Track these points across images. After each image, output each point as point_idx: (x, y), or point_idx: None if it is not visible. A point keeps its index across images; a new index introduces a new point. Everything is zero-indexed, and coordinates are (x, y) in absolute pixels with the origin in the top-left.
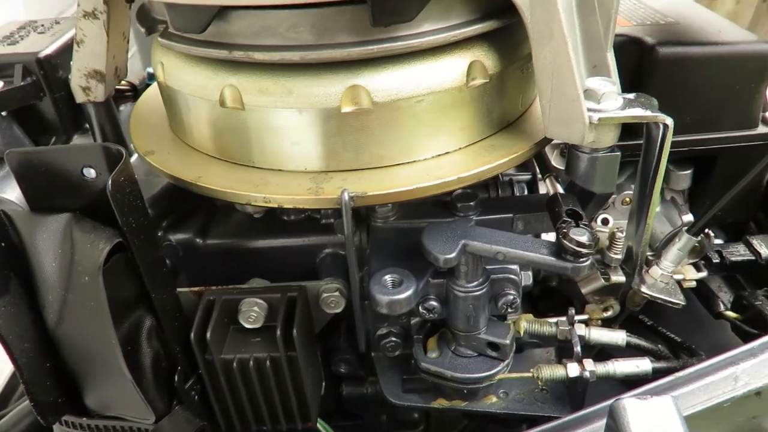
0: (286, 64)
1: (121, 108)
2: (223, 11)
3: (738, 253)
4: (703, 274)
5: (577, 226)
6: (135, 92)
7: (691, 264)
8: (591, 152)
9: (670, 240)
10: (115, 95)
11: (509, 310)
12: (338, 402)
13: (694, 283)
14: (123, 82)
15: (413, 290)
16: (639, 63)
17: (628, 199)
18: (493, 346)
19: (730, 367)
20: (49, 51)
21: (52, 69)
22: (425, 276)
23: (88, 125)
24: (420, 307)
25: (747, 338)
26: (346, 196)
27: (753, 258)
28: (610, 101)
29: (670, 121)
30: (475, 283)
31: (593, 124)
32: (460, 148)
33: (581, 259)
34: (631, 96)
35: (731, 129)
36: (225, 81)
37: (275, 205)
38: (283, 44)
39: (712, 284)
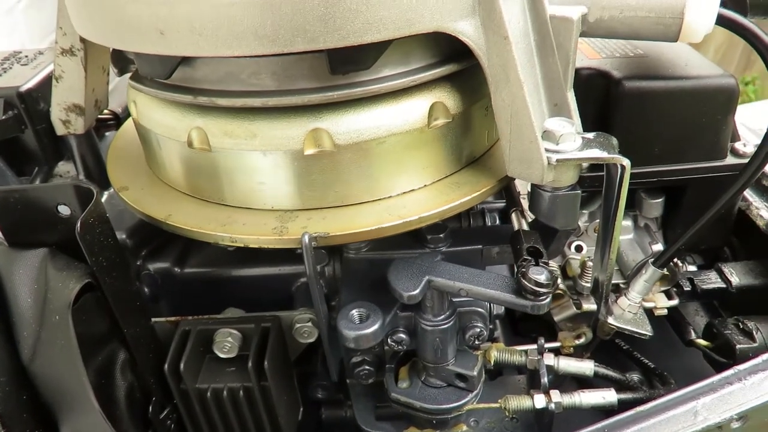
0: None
1: (107, 134)
2: (187, 58)
3: (709, 281)
4: (674, 302)
5: (537, 264)
6: (118, 121)
7: (662, 292)
8: (552, 191)
9: (638, 270)
10: (97, 125)
11: (476, 342)
12: (319, 425)
13: (665, 311)
14: (105, 111)
15: (379, 325)
16: (606, 96)
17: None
18: (462, 377)
19: (691, 401)
20: (30, 85)
21: (33, 102)
22: (393, 309)
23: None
24: (389, 339)
25: (717, 367)
26: (306, 239)
27: (724, 286)
28: (569, 142)
29: (626, 162)
30: (442, 316)
31: (552, 165)
32: (425, 186)
33: (540, 298)
34: (591, 136)
35: (700, 160)
36: (192, 123)
37: (241, 245)
38: (246, 90)
39: (689, 309)
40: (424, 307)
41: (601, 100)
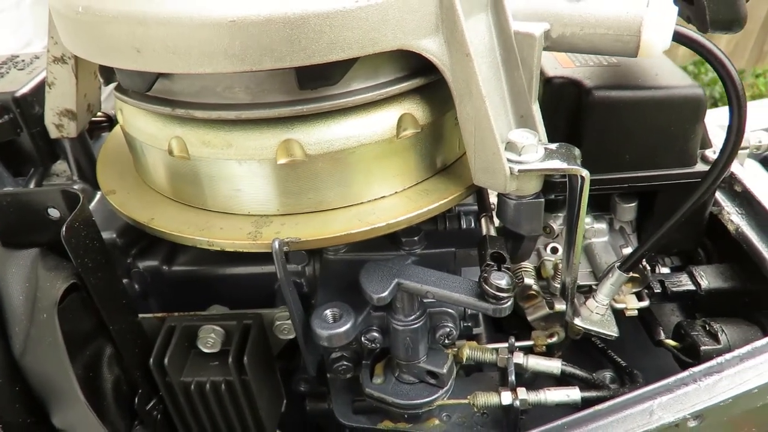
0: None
1: (103, 135)
2: (164, 73)
3: (680, 283)
4: (645, 303)
5: (499, 269)
6: (111, 123)
7: (633, 293)
8: (517, 199)
9: (606, 274)
10: (90, 127)
11: (446, 341)
12: (303, 417)
13: (636, 312)
14: (99, 114)
15: (351, 324)
16: (578, 105)
17: None
18: (432, 374)
19: (647, 401)
20: (25, 90)
21: (28, 106)
22: (366, 309)
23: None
24: (363, 338)
25: (684, 367)
26: (276, 245)
27: (694, 289)
28: (531, 153)
29: (585, 173)
30: (413, 316)
31: (514, 175)
32: (396, 192)
33: (501, 302)
34: (553, 147)
35: (670, 167)
36: (172, 132)
37: (218, 248)
38: (221, 103)
39: (665, 309)
40: (395, 307)
41: (572, 108)
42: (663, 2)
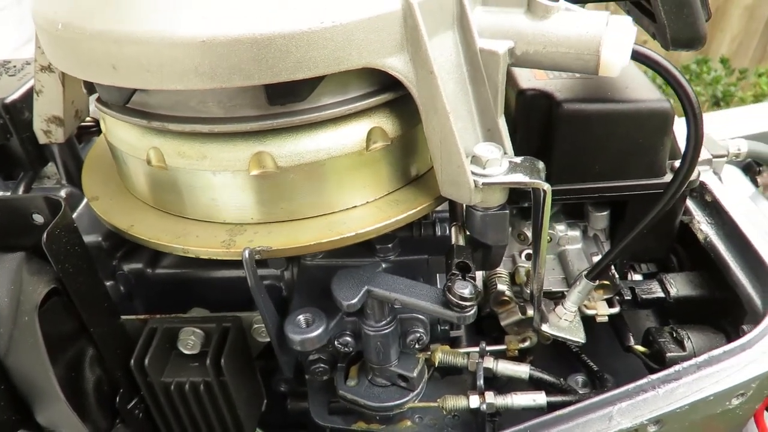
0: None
1: (94, 139)
2: None
3: (650, 290)
4: (615, 310)
5: (464, 279)
6: (99, 127)
7: (604, 300)
8: (483, 210)
9: (575, 282)
10: (79, 132)
11: (417, 346)
12: (284, 415)
13: (606, 318)
14: (87, 119)
15: (323, 329)
16: (548, 116)
17: (549, 238)
18: (403, 377)
19: (607, 407)
20: (15, 96)
21: (17, 112)
22: (339, 314)
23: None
24: (336, 342)
25: (652, 372)
26: (246, 254)
27: (663, 296)
28: (495, 167)
29: (547, 187)
30: (383, 322)
31: (479, 188)
32: (367, 202)
33: (465, 310)
34: (518, 160)
35: (639, 177)
36: (150, 143)
37: (193, 255)
38: (195, 116)
39: (640, 314)
40: (366, 313)
41: (544, 120)
42: (622, 23)
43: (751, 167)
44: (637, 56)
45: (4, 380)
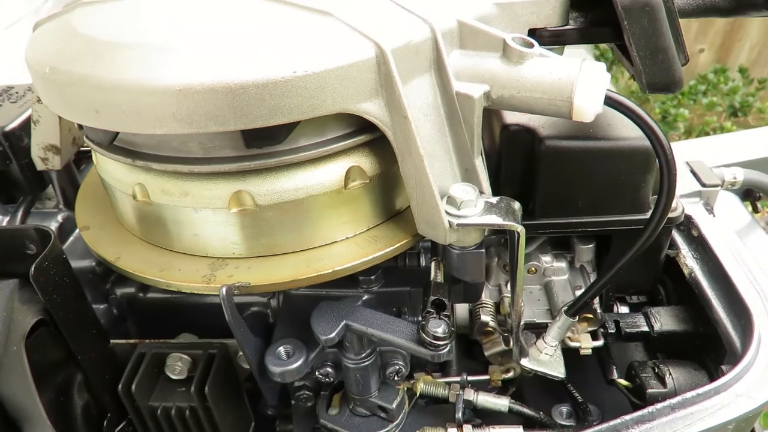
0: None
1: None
2: None
3: (634, 324)
4: (599, 343)
5: (438, 317)
6: None
7: (588, 332)
8: (459, 249)
9: (555, 316)
10: (77, 157)
11: (396, 378)
12: None
13: (590, 351)
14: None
15: (303, 361)
16: (532, 151)
17: (534, 269)
18: (383, 408)
19: None
20: (14, 124)
21: (17, 139)
22: (320, 345)
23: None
24: (317, 372)
25: (634, 408)
26: (224, 292)
27: (647, 330)
28: (470, 208)
29: (521, 230)
30: (363, 355)
31: (453, 228)
32: (346, 238)
33: (438, 349)
34: (494, 200)
35: (621, 213)
36: (136, 179)
37: (175, 289)
38: (177, 156)
39: (629, 345)
40: (346, 346)
41: (527, 154)
42: (595, 69)
43: (751, 192)
44: (610, 102)
45: None
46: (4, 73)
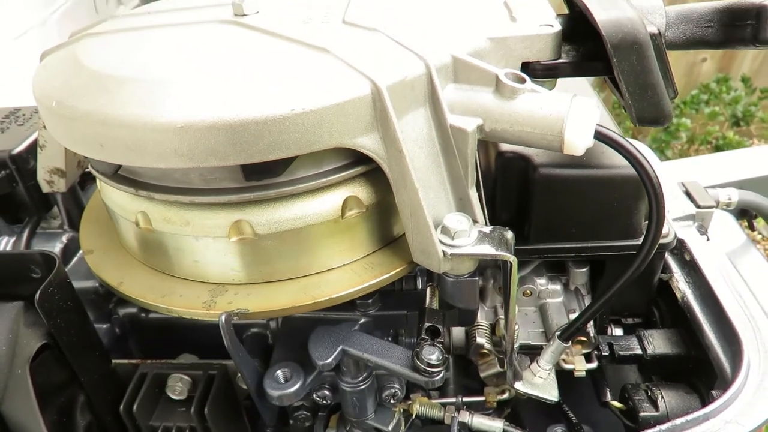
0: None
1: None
2: None
3: (628, 347)
4: (593, 365)
5: (432, 344)
6: None
7: (582, 355)
8: (454, 277)
9: (548, 340)
10: (82, 179)
11: (392, 401)
12: None
13: (584, 373)
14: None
15: (300, 385)
16: (526, 178)
17: (529, 292)
18: (379, 431)
19: None
20: (21, 148)
21: (23, 162)
22: (317, 369)
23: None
24: (314, 395)
25: (627, 430)
26: (223, 319)
27: (640, 353)
28: (463, 238)
29: (513, 260)
30: (360, 378)
31: (447, 257)
32: (343, 265)
33: (433, 375)
34: (487, 230)
35: (614, 239)
36: (139, 207)
37: (176, 315)
38: (178, 187)
39: (625, 367)
40: (343, 370)
41: (521, 181)
42: (585, 105)
43: (746, 212)
44: (600, 137)
45: (2, 424)
46: (14, 84)
